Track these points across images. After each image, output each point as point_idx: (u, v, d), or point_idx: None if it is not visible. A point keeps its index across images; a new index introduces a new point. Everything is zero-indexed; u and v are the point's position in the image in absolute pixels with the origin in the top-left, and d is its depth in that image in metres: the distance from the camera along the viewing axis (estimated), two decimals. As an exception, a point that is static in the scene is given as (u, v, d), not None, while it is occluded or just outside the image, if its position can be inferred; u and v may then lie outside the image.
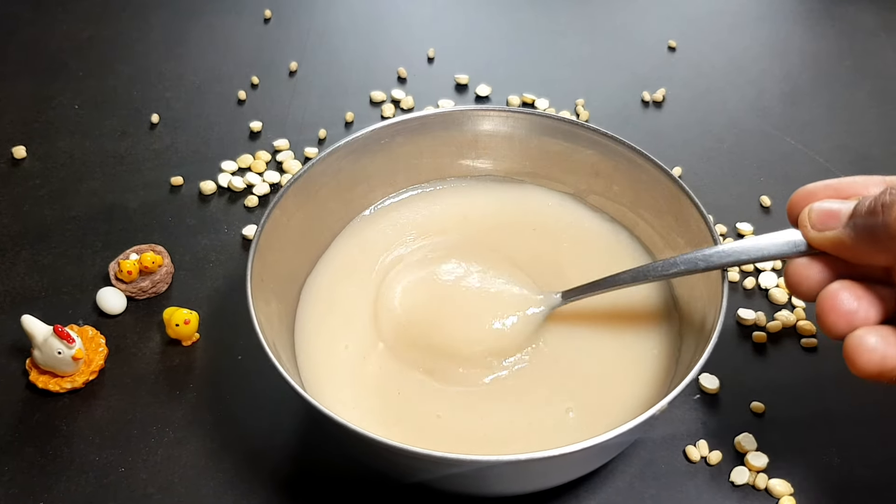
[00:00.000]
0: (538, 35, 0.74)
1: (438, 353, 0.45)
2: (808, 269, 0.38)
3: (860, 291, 0.36)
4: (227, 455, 0.46)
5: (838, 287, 0.36)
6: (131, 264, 0.52)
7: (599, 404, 0.44)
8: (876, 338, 0.34)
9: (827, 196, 0.39)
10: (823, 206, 0.37)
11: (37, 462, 0.46)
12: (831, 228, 0.37)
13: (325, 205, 0.50)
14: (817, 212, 0.38)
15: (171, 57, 0.71)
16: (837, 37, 0.73)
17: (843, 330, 0.35)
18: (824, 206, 0.37)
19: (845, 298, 0.35)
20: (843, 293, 0.36)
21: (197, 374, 0.50)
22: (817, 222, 0.37)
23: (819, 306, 0.36)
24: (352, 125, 0.65)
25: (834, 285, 0.36)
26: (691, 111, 0.66)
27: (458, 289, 0.47)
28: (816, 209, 0.38)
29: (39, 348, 0.47)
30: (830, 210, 0.37)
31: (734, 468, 0.45)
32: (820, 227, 0.37)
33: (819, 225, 0.37)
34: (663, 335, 0.47)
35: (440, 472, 0.39)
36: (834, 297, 0.36)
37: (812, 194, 0.39)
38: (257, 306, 0.41)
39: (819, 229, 0.37)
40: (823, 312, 0.36)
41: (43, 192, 0.60)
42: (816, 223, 0.37)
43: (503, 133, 0.52)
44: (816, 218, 0.37)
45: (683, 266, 0.42)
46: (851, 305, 0.35)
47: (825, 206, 0.37)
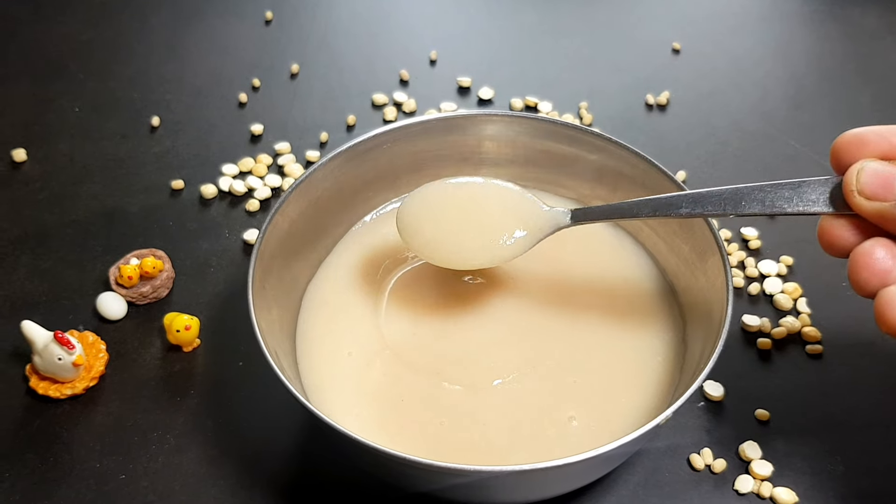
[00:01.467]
0: (541, 37, 0.73)
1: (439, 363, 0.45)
2: (844, 230, 0.36)
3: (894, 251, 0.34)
4: (227, 462, 0.46)
5: (873, 244, 0.35)
6: (132, 269, 0.52)
7: (603, 412, 0.43)
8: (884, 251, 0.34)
9: (878, 145, 0.36)
10: (876, 170, 0.34)
11: (37, 469, 0.46)
12: (882, 200, 0.34)
13: (327, 210, 0.49)
14: (869, 175, 0.34)
15: (172, 59, 0.71)
16: (842, 39, 0.73)
17: (874, 287, 0.34)
18: (878, 169, 0.34)
19: (881, 256, 0.34)
20: (878, 250, 0.34)
21: (198, 381, 0.49)
22: (867, 189, 0.34)
23: (852, 262, 0.35)
24: (353, 128, 0.65)
25: (868, 243, 0.35)
26: (695, 114, 0.66)
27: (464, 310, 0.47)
28: (868, 173, 0.34)
29: (40, 354, 0.47)
30: (884, 178, 0.34)
31: (739, 476, 0.45)
32: (870, 196, 0.34)
33: (869, 192, 0.34)
34: (668, 342, 0.46)
35: (443, 482, 0.39)
36: (868, 254, 0.34)
37: (861, 141, 0.36)
38: (259, 314, 0.41)
39: (868, 197, 0.34)
40: (857, 269, 0.34)
41: (43, 195, 0.60)
42: (866, 190, 0.34)
43: (506, 138, 0.51)
44: (867, 183, 0.34)
45: (711, 207, 0.39)
46: (886, 264, 0.34)
47: (879, 171, 0.34)
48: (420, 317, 0.47)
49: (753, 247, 0.56)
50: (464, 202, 0.46)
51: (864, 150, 0.36)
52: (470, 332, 0.47)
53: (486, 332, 0.47)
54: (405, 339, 0.46)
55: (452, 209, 0.45)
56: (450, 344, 0.46)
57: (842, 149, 0.36)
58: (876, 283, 0.34)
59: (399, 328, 0.47)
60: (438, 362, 0.45)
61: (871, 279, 0.34)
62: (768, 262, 0.55)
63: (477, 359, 0.45)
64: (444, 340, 0.46)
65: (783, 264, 0.55)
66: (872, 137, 0.36)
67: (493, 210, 0.45)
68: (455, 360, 0.45)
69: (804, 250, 0.55)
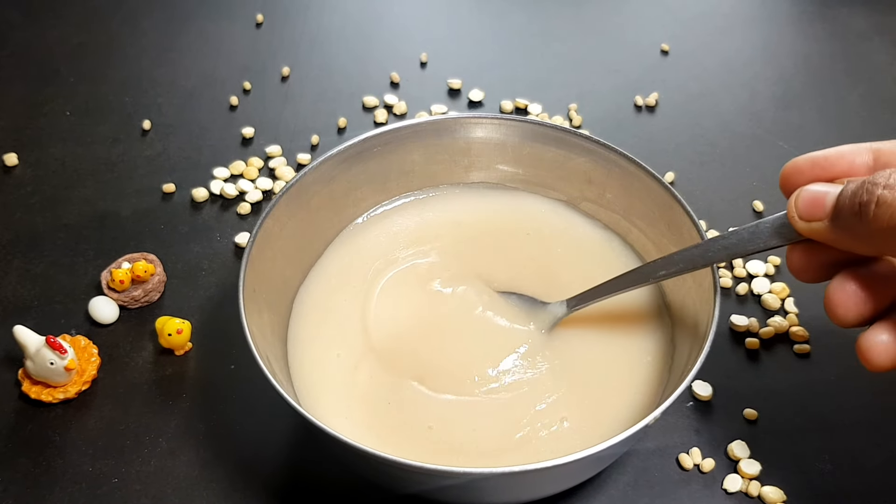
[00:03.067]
0: (531, 39, 0.74)
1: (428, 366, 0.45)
2: (809, 256, 0.38)
3: (864, 282, 0.36)
4: (220, 465, 0.46)
5: (842, 280, 0.36)
6: (123, 273, 0.52)
7: (593, 413, 0.44)
8: (886, 335, 0.35)
9: (813, 172, 0.38)
10: (809, 194, 0.37)
11: (30, 473, 0.46)
12: (817, 219, 0.36)
13: (318, 213, 0.50)
14: (803, 200, 0.37)
15: (163, 62, 0.71)
16: (830, 40, 0.73)
17: (853, 321, 0.36)
18: (810, 193, 0.37)
19: (851, 290, 0.36)
20: (848, 286, 0.36)
21: (190, 384, 0.50)
22: (804, 212, 0.37)
23: (827, 300, 0.37)
24: (344, 131, 0.65)
25: (837, 279, 0.36)
26: (684, 115, 0.66)
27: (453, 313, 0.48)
28: (802, 197, 0.37)
29: (32, 359, 0.47)
30: (815, 198, 0.36)
31: (727, 476, 0.45)
32: (807, 218, 0.36)
33: (806, 215, 0.36)
34: (656, 342, 0.47)
35: (433, 483, 0.39)
36: (840, 290, 0.36)
37: (798, 172, 0.39)
38: (250, 318, 0.41)
39: (806, 220, 0.36)
40: (833, 306, 0.36)
41: (34, 199, 0.60)
42: (803, 213, 0.37)
43: (496, 140, 0.52)
44: (803, 206, 0.37)
45: (682, 264, 0.42)
46: (859, 297, 0.36)
47: (810, 194, 0.36)
48: (409, 319, 0.47)
49: (742, 247, 0.56)
50: None
51: (800, 178, 0.39)
52: (459, 335, 0.47)
53: (476, 334, 0.47)
54: (394, 341, 0.46)
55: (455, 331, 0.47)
56: (439, 347, 0.46)
57: (785, 179, 0.40)
58: (853, 316, 0.36)
59: (389, 330, 0.47)
60: (427, 365, 0.45)
61: (848, 314, 0.36)
62: (756, 262, 0.55)
63: (466, 361, 0.46)
64: (433, 343, 0.46)
65: (771, 264, 0.55)
66: (807, 165, 0.39)
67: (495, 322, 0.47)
68: (444, 362, 0.46)
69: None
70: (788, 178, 0.39)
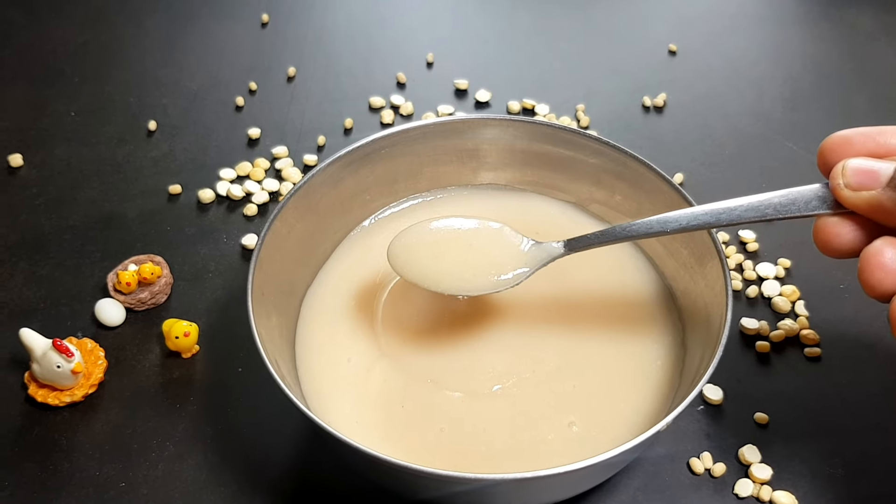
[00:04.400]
0: (538, 39, 0.73)
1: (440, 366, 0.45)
2: (839, 227, 0.36)
3: None
4: (227, 469, 0.46)
5: (883, 244, 0.34)
6: (130, 275, 0.52)
7: (603, 418, 0.44)
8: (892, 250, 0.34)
9: (864, 145, 0.36)
10: (860, 165, 0.35)
11: (37, 477, 0.46)
12: (868, 188, 0.34)
13: (326, 216, 0.49)
14: (853, 169, 0.35)
15: (168, 63, 0.70)
16: (838, 40, 0.73)
17: (888, 288, 0.34)
18: (861, 164, 0.35)
19: (891, 256, 0.34)
20: (888, 250, 0.34)
21: (197, 387, 0.49)
22: (853, 181, 0.35)
23: (863, 263, 0.34)
24: (351, 131, 0.65)
25: (878, 242, 0.34)
26: (692, 116, 0.66)
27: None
28: (852, 167, 0.35)
29: (38, 362, 0.47)
30: (868, 169, 0.35)
31: (738, 480, 0.45)
32: (855, 186, 0.35)
33: (854, 183, 0.35)
34: (667, 346, 0.46)
35: (444, 489, 0.39)
36: (879, 253, 0.34)
37: (847, 142, 0.37)
38: (258, 321, 0.41)
39: (854, 188, 0.35)
40: (868, 270, 0.34)
41: (40, 201, 0.60)
42: (852, 182, 0.35)
43: (504, 141, 0.51)
44: (852, 176, 0.35)
45: (705, 218, 0.39)
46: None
47: (862, 165, 0.35)
48: (420, 322, 0.47)
49: (751, 249, 0.56)
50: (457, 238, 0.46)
51: (849, 150, 0.36)
52: (469, 338, 0.47)
53: (486, 337, 0.47)
54: (405, 344, 0.46)
55: (447, 244, 0.46)
56: (449, 349, 0.46)
57: (828, 150, 0.37)
58: (889, 283, 0.34)
59: (399, 334, 0.47)
60: (438, 368, 0.45)
61: (885, 279, 0.34)
62: (766, 264, 0.55)
63: (476, 364, 0.45)
64: (443, 346, 0.46)
65: (781, 267, 0.55)
66: (858, 138, 0.36)
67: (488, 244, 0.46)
68: (455, 365, 0.45)
69: (802, 253, 0.55)
70: (834, 149, 0.37)
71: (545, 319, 0.47)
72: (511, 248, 0.45)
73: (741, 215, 0.39)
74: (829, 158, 0.37)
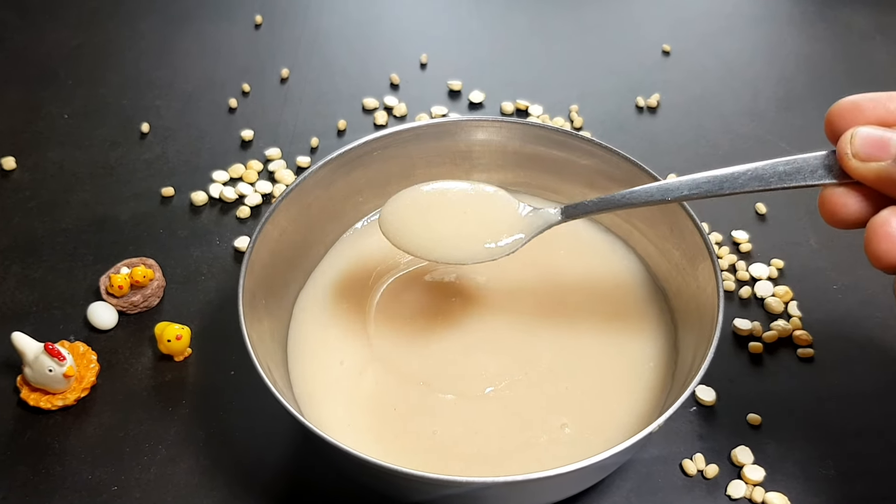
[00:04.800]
0: (531, 40, 0.73)
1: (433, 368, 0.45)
2: (846, 197, 0.35)
3: None
4: (220, 473, 0.46)
5: (890, 214, 0.33)
6: (122, 279, 0.52)
7: (595, 419, 0.43)
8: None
9: (874, 111, 0.35)
10: (870, 133, 0.34)
11: (29, 481, 0.45)
12: (877, 160, 0.33)
13: (318, 218, 0.49)
14: (862, 139, 0.34)
15: (161, 65, 0.70)
16: (832, 40, 0.73)
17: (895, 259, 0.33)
18: (870, 133, 0.34)
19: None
20: (895, 221, 0.33)
21: (189, 390, 0.49)
22: (861, 151, 0.34)
23: (870, 234, 0.34)
24: (344, 133, 0.65)
25: (885, 212, 0.33)
26: (686, 116, 0.66)
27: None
28: (861, 136, 0.34)
29: (30, 366, 0.47)
30: (879, 138, 0.34)
31: (731, 482, 0.45)
32: (864, 157, 0.34)
33: (863, 154, 0.34)
34: (659, 348, 0.46)
35: (436, 492, 0.39)
36: (886, 223, 0.33)
37: (857, 108, 0.35)
38: (249, 325, 0.41)
39: (863, 159, 0.34)
40: (875, 240, 0.33)
41: (32, 204, 0.59)
42: (860, 152, 0.34)
43: (497, 143, 0.51)
44: (861, 146, 0.34)
45: (707, 187, 0.38)
46: None
47: (872, 134, 0.34)
48: (412, 324, 0.47)
49: (744, 250, 0.56)
50: (451, 203, 0.45)
51: (859, 116, 0.35)
52: (462, 340, 0.47)
53: (478, 339, 0.47)
54: (397, 347, 0.46)
55: (441, 209, 0.45)
56: (442, 352, 0.46)
57: (837, 116, 0.36)
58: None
59: (391, 336, 0.47)
60: (431, 370, 0.45)
61: (892, 249, 0.33)
62: (759, 265, 0.55)
63: (469, 367, 0.45)
64: (436, 348, 0.46)
65: (774, 267, 0.55)
66: (868, 104, 0.35)
67: (483, 209, 0.45)
68: (447, 367, 0.45)
69: (795, 253, 0.55)
70: (843, 115, 0.36)
71: (537, 321, 0.47)
72: (507, 214, 0.44)
73: (744, 184, 0.37)
74: (838, 125, 0.36)
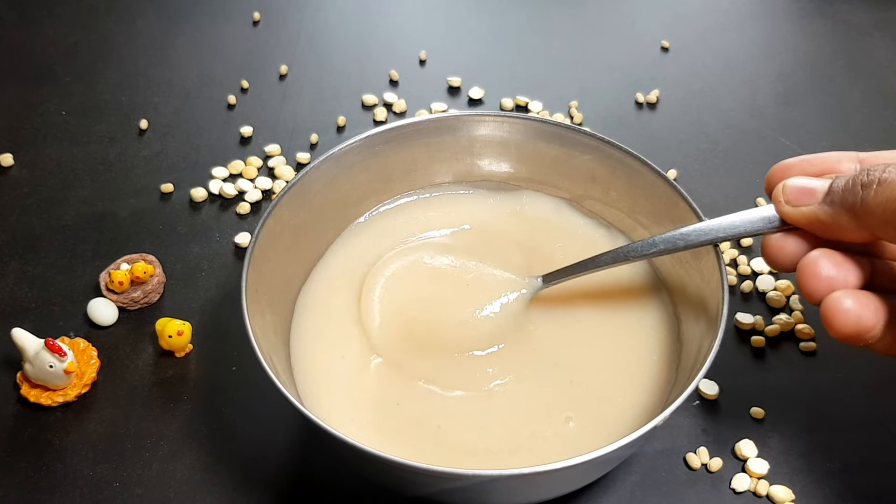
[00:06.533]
0: (530, 36, 0.73)
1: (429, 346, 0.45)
2: (784, 241, 0.39)
3: (839, 259, 0.37)
4: (222, 468, 0.45)
5: (818, 254, 0.37)
6: (122, 274, 0.52)
7: (599, 413, 0.43)
8: (851, 300, 0.35)
9: (802, 171, 0.40)
10: (798, 183, 0.38)
11: (30, 478, 0.45)
12: (806, 204, 0.38)
13: (319, 213, 0.49)
14: (791, 188, 0.38)
15: (159, 61, 0.70)
16: (830, 36, 0.73)
17: (823, 295, 0.36)
18: (799, 182, 0.38)
19: (825, 265, 0.36)
20: (822, 260, 0.37)
21: (191, 386, 0.49)
22: (791, 198, 0.38)
23: (800, 273, 0.37)
24: (344, 129, 0.65)
25: (814, 253, 0.37)
26: (685, 112, 0.66)
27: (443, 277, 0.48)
28: (790, 185, 0.38)
29: (31, 362, 0.47)
30: (805, 187, 0.38)
31: (735, 475, 0.45)
32: (794, 203, 0.38)
33: (794, 201, 0.38)
34: (663, 341, 0.46)
35: (441, 485, 0.39)
36: (814, 263, 0.37)
37: (788, 169, 0.41)
38: (253, 319, 0.41)
39: (794, 205, 0.38)
40: (804, 279, 0.37)
41: (31, 200, 0.59)
42: (791, 199, 0.38)
43: (499, 138, 0.51)
44: (791, 194, 0.38)
45: (662, 245, 0.42)
46: (831, 272, 0.36)
47: (799, 183, 0.38)
48: (415, 318, 0.47)
49: (745, 244, 0.56)
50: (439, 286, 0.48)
51: (789, 174, 0.40)
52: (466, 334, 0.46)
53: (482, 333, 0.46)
54: (400, 341, 0.46)
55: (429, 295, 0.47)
56: (446, 346, 0.46)
57: (772, 177, 0.41)
58: (824, 289, 0.36)
59: (394, 330, 0.46)
60: (435, 365, 0.45)
61: (819, 287, 0.36)
62: (760, 259, 0.55)
63: (473, 361, 0.45)
64: (440, 342, 0.46)
65: (776, 262, 0.55)
66: (797, 164, 0.41)
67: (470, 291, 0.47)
68: (451, 362, 0.45)
69: (796, 247, 0.55)
70: (776, 175, 0.41)
71: (541, 315, 0.47)
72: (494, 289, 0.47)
73: (695, 240, 0.42)
74: (773, 183, 0.40)
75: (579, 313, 0.47)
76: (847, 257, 0.37)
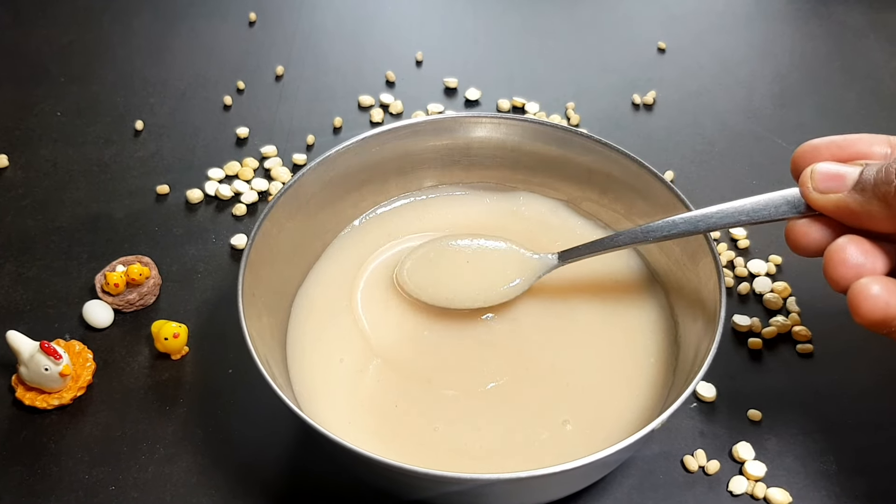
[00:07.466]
0: (527, 38, 0.73)
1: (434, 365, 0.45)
2: (809, 227, 0.38)
3: (867, 246, 0.36)
4: (218, 471, 0.45)
5: (846, 241, 0.36)
6: (118, 276, 0.51)
7: (597, 416, 0.43)
8: (879, 286, 0.35)
9: (831, 153, 0.39)
10: (827, 169, 0.37)
11: (25, 481, 0.45)
12: (835, 191, 0.36)
13: (316, 215, 0.49)
14: (820, 173, 0.37)
15: (155, 62, 0.70)
16: (826, 37, 0.73)
17: (850, 282, 0.35)
18: (828, 168, 0.37)
19: (853, 252, 0.36)
20: (850, 247, 0.36)
21: (187, 389, 0.49)
22: (820, 184, 0.37)
23: (827, 260, 0.36)
24: (340, 130, 0.64)
25: (841, 240, 0.36)
26: (682, 114, 0.66)
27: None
28: (819, 171, 0.37)
29: (26, 365, 0.46)
30: (834, 172, 0.37)
31: (732, 478, 0.45)
32: (823, 189, 0.37)
33: (822, 187, 0.37)
34: (660, 344, 0.46)
35: (438, 489, 0.38)
36: (842, 250, 0.36)
37: (816, 150, 0.39)
38: (249, 322, 0.41)
39: (822, 191, 0.37)
40: (832, 266, 0.36)
41: (26, 202, 0.59)
42: (819, 185, 0.37)
43: (495, 140, 0.51)
44: (819, 179, 0.37)
45: (683, 227, 0.42)
46: (859, 259, 0.36)
47: (829, 169, 0.37)
48: (412, 320, 0.47)
49: (742, 246, 0.56)
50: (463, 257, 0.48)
51: (818, 157, 0.39)
52: (463, 336, 0.46)
53: (479, 335, 0.46)
54: (397, 343, 0.46)
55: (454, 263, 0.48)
56: (443, 348, 0.46)
57: (799, 157, 0.40)
58: (851, 277, 0.36)
59: (391, 333, 0.46)
60: (431, 367, 0.45)
61: (847, 274, 0.36)
62: (757, 261, 0.55)
63: (470, 363, 0.45)
64: (437, 344, 0.46)
65: (772, 263, 0.55)
66: (826, 147, 0.39)
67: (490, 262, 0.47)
68: (448, 364, 0.45)
69: (793, 249, 0.55)
70: (804, 156, 0.39)
71: (538, 317, 0.47)
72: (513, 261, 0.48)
73: (717, 222, 0.41)
74: (800, 165, 0.39)
75: (577, 316, 0.47)
76: (874, 245, 0.36)
